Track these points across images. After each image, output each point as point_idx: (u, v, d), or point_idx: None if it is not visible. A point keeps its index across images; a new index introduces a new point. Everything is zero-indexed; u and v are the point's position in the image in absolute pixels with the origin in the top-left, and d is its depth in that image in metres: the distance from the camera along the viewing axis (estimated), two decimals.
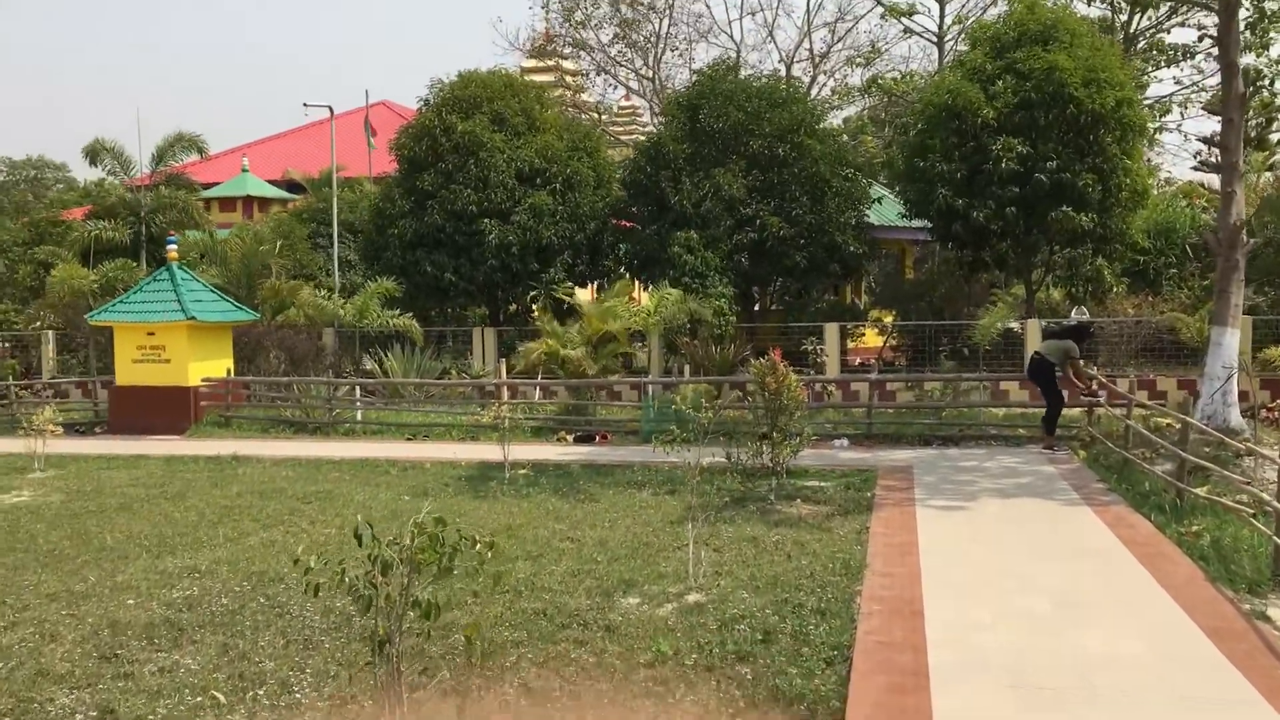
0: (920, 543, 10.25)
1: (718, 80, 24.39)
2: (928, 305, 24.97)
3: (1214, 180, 33.26)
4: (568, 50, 43.21)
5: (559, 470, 15.48)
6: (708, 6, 39.44)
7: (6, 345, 27.84)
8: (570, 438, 18.86)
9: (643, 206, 24.50)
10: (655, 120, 30.75)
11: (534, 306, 24.43)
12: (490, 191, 23.82)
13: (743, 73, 26.89)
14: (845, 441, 17.71)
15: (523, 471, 15.26)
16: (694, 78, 26.03)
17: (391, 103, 44.64)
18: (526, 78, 40.01)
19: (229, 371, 21.05)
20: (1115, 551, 9.86)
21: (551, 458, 16.53)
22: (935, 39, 35.75)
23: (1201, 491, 11.65)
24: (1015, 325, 23.11)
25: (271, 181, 38.44)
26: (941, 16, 35.79)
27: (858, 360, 26.34)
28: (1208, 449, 14.12)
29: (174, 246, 21.44)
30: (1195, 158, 37.07)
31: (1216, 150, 35.39)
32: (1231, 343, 16.26)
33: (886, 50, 37.85)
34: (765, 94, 24.02)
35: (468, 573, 8.59)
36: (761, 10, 36.96)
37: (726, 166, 23.08)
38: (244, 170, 38.41)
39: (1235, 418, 16.32)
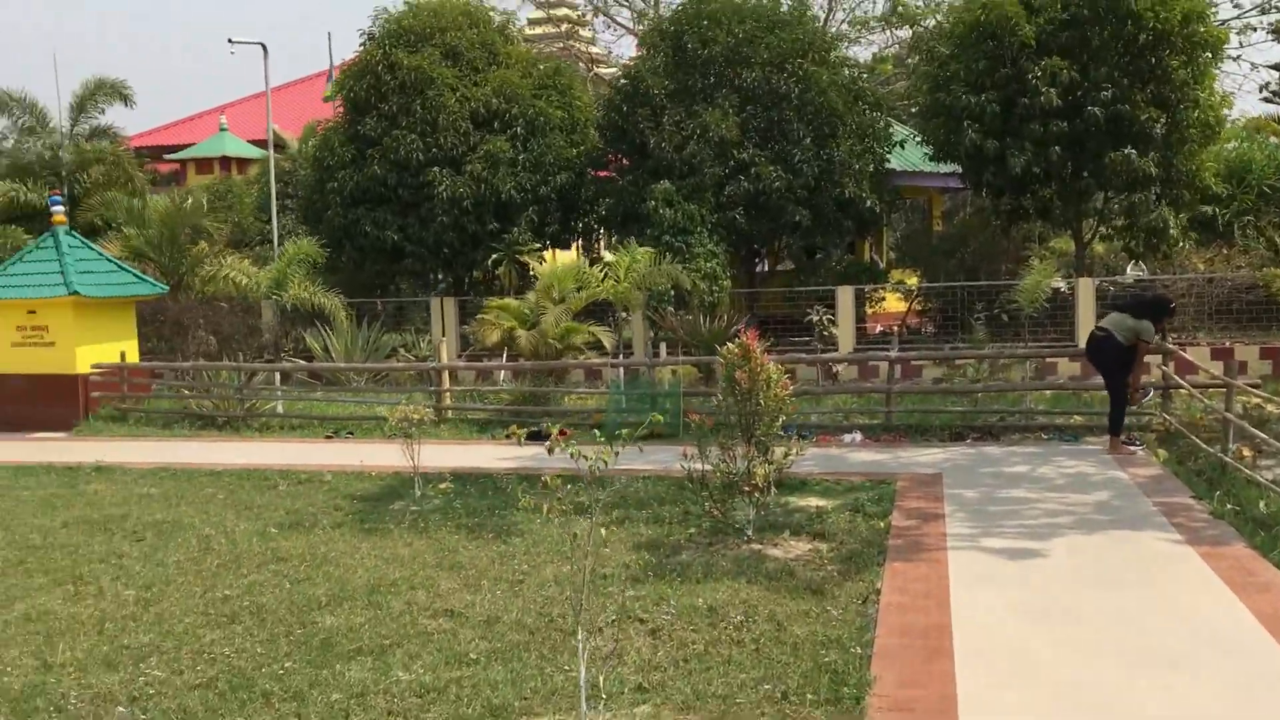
0: (955, 629, 6.80)
1: (704, 2, 20.60)
2: (959, 264, 21.34)
3: None
4: None
5: (488, 484, 12.12)
6: None
7: None
8: (523, 434, 15.42)
9: (620, 154, 20.94)
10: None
11: (497, 272, 20.98)
12: (439, 136, 20.29)
13: None
14: (858, 436, 14.25)
15: (443, 486, 11.93)
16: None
17: None
18: (527, 30, 36.32)
19: (123, 355, 17.73)
20: (1259, 645, 6.39)
21: (487, 464, 13.16)
22: None
23: None
24: (1063, 285, 19.50)
25: (256, 142, 35.03)
26: None
27: (878, 328, 22.79)
28: None
29: (60, 208, 18.05)
30: (1262, 90, 32.94)
31: None
32: None
33: None
34: (762, 14, 20.26)
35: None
36: None
37: (715, 103, 19.43)
38: (222, 129, 35.05)
39: None
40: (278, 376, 17.84)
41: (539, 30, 39.86)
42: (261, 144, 34.19)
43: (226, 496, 12.05)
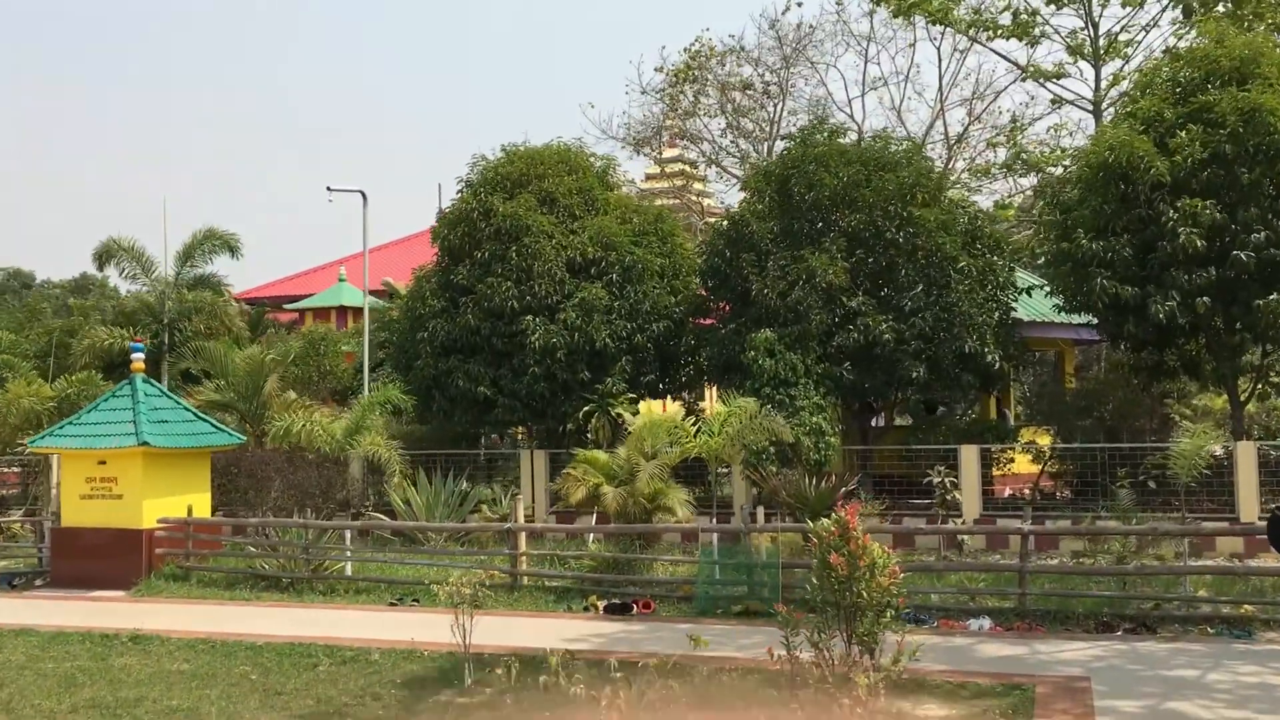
0: None
1: (811, 145, 19.50)
2: (1096, 422, 19.29)
3: None
4: (678, 143, 39.34)
5: (547, 674, 10.51)
6: (826, 88, 34.42)
7: (13, 471, 24.55)
8: (601, 605, 13.91)
9: (723, 300, 19.72)
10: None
11: (589, 425, 19.72)
12: (533, 284, 19.42)
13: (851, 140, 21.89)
14: (986, 623, 12.29)
15: (499, 672, 10.39)
16: (784, 145, 21.22)
17: None
18: (640, 184, 35.95)
19: (189, 510, 16.82)
20: None
21: (556, 643, 11.56)
22: (1090, 106, 30.34)
23: None
24: (1218, 449, 17.29)
25: (374, 292, 35.31)
26: (1097, 81, 30.43)
27: (1007, 491, 20.70)
28: None
29: (140, 355, 17.58)
30: None
31: None
32: None
33: (1030, 125, 32.47)
34: (869, 157, 19.05)
35: None
36: (886, 85, 32.09)
37: (822, 248, 18.13)
38: (340, 280, 35.43)
39: None
40: (347, 535, 16.66)
41: (652, 184, 39.69)
42: (378, 294, 34.35)
43: (260, 677, 10.72)
